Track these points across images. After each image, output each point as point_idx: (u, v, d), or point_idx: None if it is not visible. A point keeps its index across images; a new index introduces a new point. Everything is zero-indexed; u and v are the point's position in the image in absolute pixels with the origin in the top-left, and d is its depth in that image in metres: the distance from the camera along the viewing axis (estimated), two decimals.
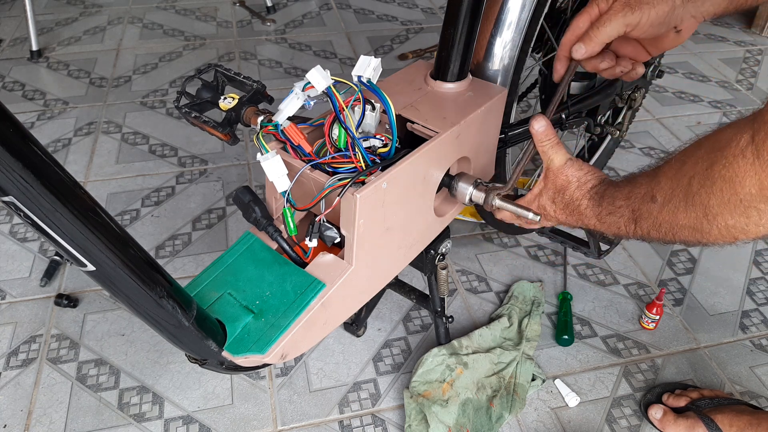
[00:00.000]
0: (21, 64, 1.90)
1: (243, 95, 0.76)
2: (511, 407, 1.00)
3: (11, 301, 1.17)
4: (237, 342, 0.67)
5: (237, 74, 0.77)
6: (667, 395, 1.01)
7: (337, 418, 1.00)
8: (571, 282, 1.24)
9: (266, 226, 0.74)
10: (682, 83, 1.91)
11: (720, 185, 0.52)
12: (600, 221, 0.69)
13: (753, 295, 1.24)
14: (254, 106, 0.76)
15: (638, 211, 0.64)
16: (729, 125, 0.53)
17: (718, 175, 0.52)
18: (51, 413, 0.99)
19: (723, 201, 0.52)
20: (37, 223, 0.46)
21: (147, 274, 0.55)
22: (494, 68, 0.91)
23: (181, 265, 1.25)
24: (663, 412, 0.97)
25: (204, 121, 0.76)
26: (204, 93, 0.78)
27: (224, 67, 0.78)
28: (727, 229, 0.54)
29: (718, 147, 0.52)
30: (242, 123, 0.76)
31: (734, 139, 0.50)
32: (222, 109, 0.76)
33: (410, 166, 0.72)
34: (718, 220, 0.54)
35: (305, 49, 2.02)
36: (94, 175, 1.48)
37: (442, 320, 1.04)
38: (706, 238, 0.57)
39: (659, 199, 0.60)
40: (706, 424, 0.92)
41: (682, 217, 0.58)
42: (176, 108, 0.78)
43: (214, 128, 0.75)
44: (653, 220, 0.62)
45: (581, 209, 0.71)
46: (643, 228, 0.64)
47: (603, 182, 0.71)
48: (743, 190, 0.50)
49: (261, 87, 0.76)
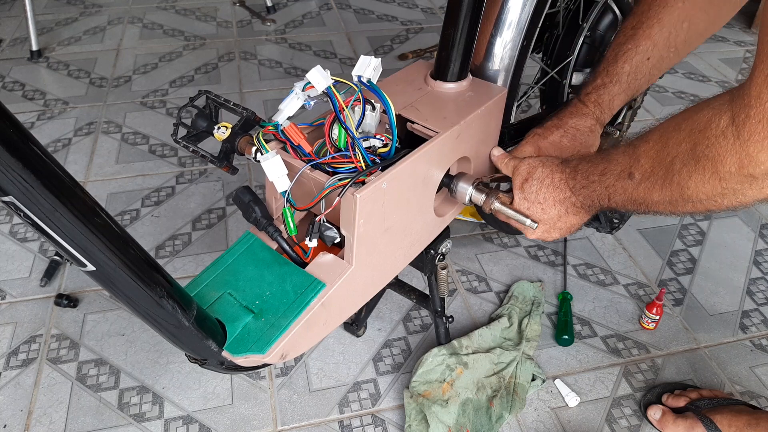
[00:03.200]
0: (21, 64, 1.90)
1: (235, 123, 0.77)
2: (511, 407, 1.00)
3: (11, 301, 1.17)
4: (237, 342, 0.67)
5: (227, 101, 0.79)
6: (666, 396, 1.01)
7: (337, 418, 1.00)
8: (571, 282, 1.24)
9: (266, 226, 0.74)
10: (682, 83, 1.91)
11: (703, 164, 0.54)
12: (573, 193, 0.73)
13: (753, 295, 1.24)
14: (247, 135, 0.77)
15: (612, 187, 0.67)
16: (706, 104, 0.56)
17: (701, 155, 0.54)
18: (51, 413, 0.99)
19: (702, 180, 0.55)
20: (37, 223, 0.46)
21: (147, 274, 0.55)
22: (494, 68, 0.91)
23: (181, 265, 1.25)
24: (662, 413, 0.97)
25: (203, 155, 0.78)
26: (199, 122, 0.80)
27: (214, 93, 0.80)
28: (701, 203, 0.58)
29: (698, 128, 0.55)
30: (237, 153, 0.77)
31: (714, 120, 0.53)
32: (217, 140, 0.77)
33: (410, 166, 0.72)
34: (692, 198, 0.57)
35: (305, 49, 2.02)
36: (94, 175, 1.48)
37: (442, 320, 1.04)
38: (680, 210, 0.61)
39: (637, 177, 0.64)
40: (705, 425, 0.92)
41: (656, 194, 0.62)
42: (174, 141, 0.80)
43: (212, 162, 0.77)
44: (628, 195, 0.66)
45: (555, 183, 0.74)
46: (617, 202, 0.68)
47: (572, 158, 0.76)
48: (723, 169, 0.52)
49: (251, 114, 0.77)
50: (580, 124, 0.86)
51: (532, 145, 0.85)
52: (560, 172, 0.74)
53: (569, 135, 0.85)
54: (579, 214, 0.75)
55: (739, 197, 0.54)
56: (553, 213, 0.75)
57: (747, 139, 0.49)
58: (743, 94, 0.49)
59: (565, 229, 0.77)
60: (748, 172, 0.50)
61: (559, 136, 0.85)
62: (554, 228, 0.77)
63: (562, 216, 0.75)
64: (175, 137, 0.79)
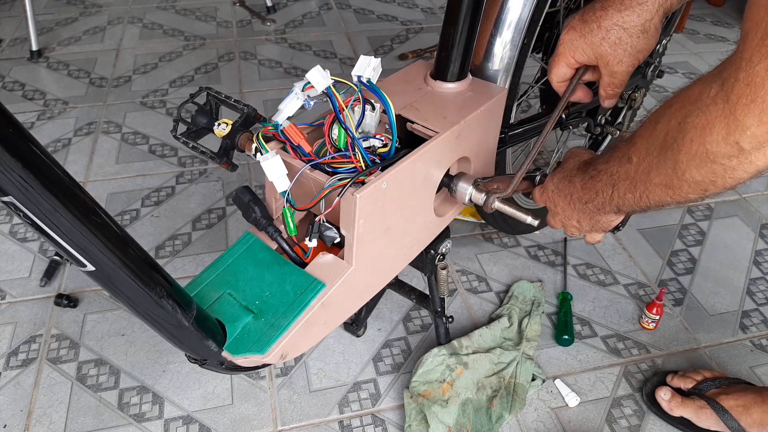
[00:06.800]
0: (21, 64, 1.90)
1: (236, 120, 0.76)
2: (511, 407, 1.00)
3: (11, 301, 1.17)
4: (237, 342, 0.67)
5: (228, 97, 0.79)
6: (671, 376, 1.01)
7: (337, 418, 1.00)
8: (571, 282, 1.24)
9: (266, 226, 0.74)
10: (682, 83, 1.90)
11: (691, 135, 0.52)
12: (583, 187, 0.71)
13: (753, 295, 1.24)
14: (248, 131, 0.76)
15: (616, 174, 0.65)
16: (698, 80, 0.54)
17: (690, 125, 0.52)
18: (51, 413, 0.99)
19: (691, 153, 0.53)
20: (37, 223, 0.46)
21: (147, 274, 0.55)
22: (494, 68, 0.91)
23: (181, 265, 1.25)
24: (671, 394, 0.98)
25: (202, 151, 0.77)
26: (199, 119, 0.79)
27: (215, 90, 0.79)
28: (696, 183, 0.55)
29: (690, 101, 0.54)
30: (237, 149, 0.77)
31: (704, 91, 0.51)
32: (217, 136, 0.77)
33: (410, 166, 0.72)
34: (686, 175, 0.55)
35: (305, 49, 2.02)
36: (94, 175, 1.48)
37: (442, 320, 1.04)
38: (678, 194, 0.58)
39: (635, 159, 0.62)
40: (712, 406, 0.93)
41: (654, 175, 0.59)
42: (174, 137, 0.79)
43: (212, 159, 0.76)
44: (630, 181, 0.63)
45: (571, 178, 0.73)
46: (620, 190, 0.65)
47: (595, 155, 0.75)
48: (711, 137, 0.50)
49: (252, 111, 0.76)
50: (629, 21, 0.71)
51: (564, 59, 0.76)
52: (577, 169, 0.74)
53: (611, 38, 0.72)
54: (585, 212, 0.74)
55: (729, 173, 0.52)
56: (562, 204, 0.76)
57: (735, 103, 0.47)
58: (734, 58, 0.48)
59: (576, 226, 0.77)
60: (735, 140, 0.48)
61: (599, 38, 0.72)
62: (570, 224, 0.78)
63: (565, 210, 0.76)
64: (174, 133, 0.79)
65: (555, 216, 0.78)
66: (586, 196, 0.71)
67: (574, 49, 0.75)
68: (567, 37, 0.75)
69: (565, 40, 0.75)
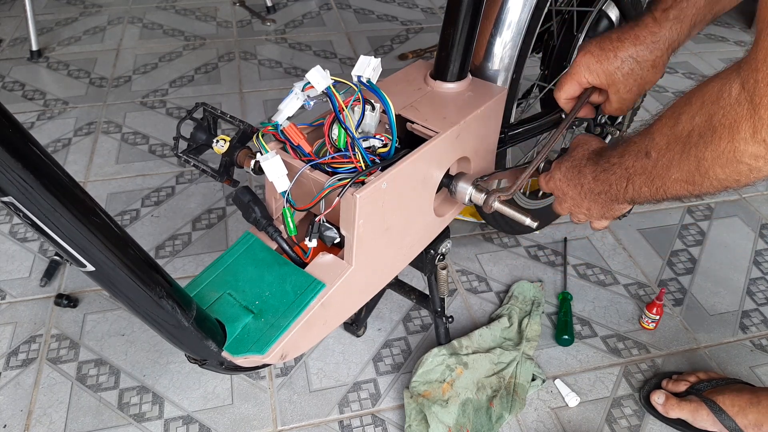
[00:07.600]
0: (21, 64, 1.90)
1: (233, 137, 0.78)
2: (511, 407, 1.00)
3: (11, 301, 1.17)
4: (237, 342, 0.67)
5: (223, 113, 0.80)
6: (666, 381, 1.02)
7: (337, 418, 1.00)
8: (571, 282, 1.24)
9: (266, 226, 0.74)
10: (682, 83, 1.91)
11: (720, 133, 0.54)
12: (595, 179, 0.72)
13: (753, 295, 1.24)
14: (245, 147, 0.78)
15: (631, 168, 0.67)
16: (713, 78, 0.56)
17: (718, 124, 0.54)
18: (51, 413, 0.99)
19: (718, 152, 0.55)
20: (37, 223, 0.46)
21: (146, 275, 0.56)
22: (494, 68, 0.91)
23: (181, 265, 1.25)
24: (665, 397, 0.98)
25: (203, 170, 0.79)
26: (199, 135, 0.81)
27: (210, 106, 0.81)
28: (719, 181, 0.57)
29: (710, 100, 0.55)
30: (236, 166, 0.78)
31: (725, 90, 0.53)
32: (217, 153, 0.78)
33: (410, 166, 0.72)
34: (710, 173, 0.57)
35: (305, 49, 2.02)
36: (94, 175, 1.48)
37: (442, 320, 1.04)
38: (698, 190, 0.60)
39: (653, 155, 0.63)
40: (709, 406, 0.94)
41: (675, 171, 0.61)
42: (175, 155, 0.81)
43: (213, 177, 0.78)
44: (647, 175, 0.65)
45: (581, 168, 0.74)
46: (636, 184, 0.67)
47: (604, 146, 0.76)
48: (738, 136, 0.52)
49: (247, 127, 0.78)
50: (642, 55, 0.77)
51: (577, 78, 0.80)
52: (587, 159, 0.75)
53: (625, 68, 0.77)
54: (596, 201, 0.75)
55: (754, 174, 0.54)
56: (570, 193, 0.77)
57: (758, 103, 0.50)
58: (750, 59, 0.50)
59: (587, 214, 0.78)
60: (762, 137, 0.51)
61: (614, 67, 0.78)
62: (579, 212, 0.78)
63: (575, 198, 0.76)
64: (176, 152, 0.80)
65: (562, 203, 0.79)
66: (599, 187, 0.72)
67: (589, 72, 0.79)
68: (583, 60, 0.79)
69: (582, 62, 0.79)
